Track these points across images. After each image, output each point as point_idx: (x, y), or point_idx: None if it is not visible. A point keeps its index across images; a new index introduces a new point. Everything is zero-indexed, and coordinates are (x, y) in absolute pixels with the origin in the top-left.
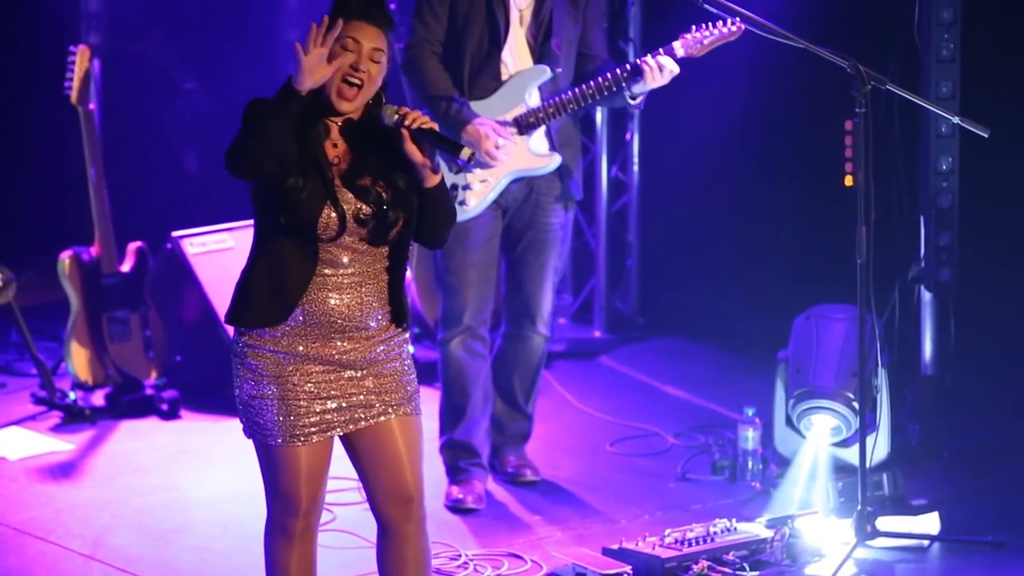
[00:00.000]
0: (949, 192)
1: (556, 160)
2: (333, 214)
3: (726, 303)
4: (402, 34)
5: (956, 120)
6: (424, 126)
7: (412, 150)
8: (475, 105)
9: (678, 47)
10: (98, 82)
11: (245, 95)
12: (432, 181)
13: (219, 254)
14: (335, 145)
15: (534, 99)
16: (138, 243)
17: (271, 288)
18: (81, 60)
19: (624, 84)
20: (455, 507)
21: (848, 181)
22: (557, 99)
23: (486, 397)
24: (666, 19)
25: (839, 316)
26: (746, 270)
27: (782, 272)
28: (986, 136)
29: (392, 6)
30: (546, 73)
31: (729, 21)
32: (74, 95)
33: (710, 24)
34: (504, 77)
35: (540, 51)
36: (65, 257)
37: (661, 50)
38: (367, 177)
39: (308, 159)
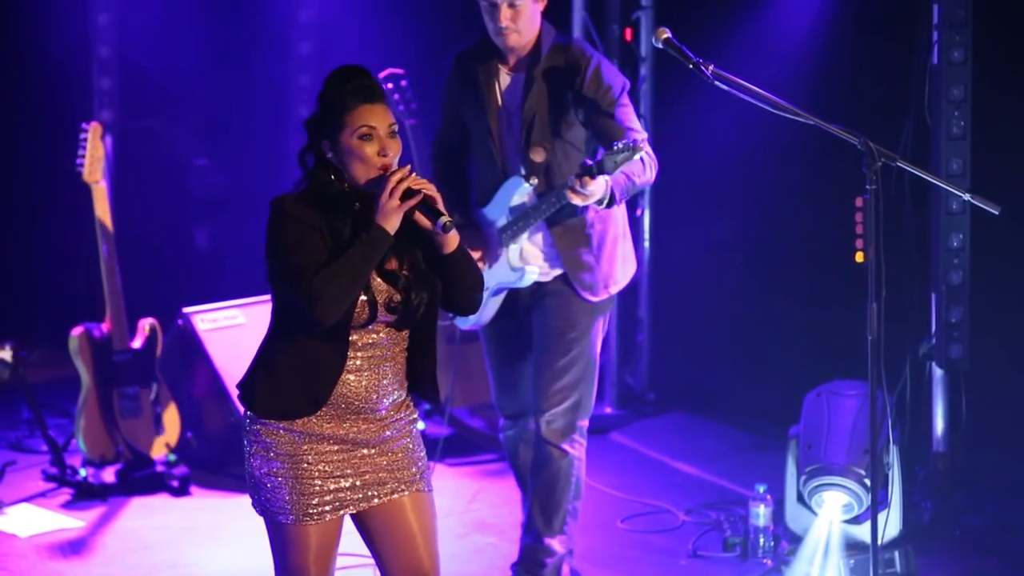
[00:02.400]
0: (960, 268)
1: (529, 276)
2: (365, 302)
3: (737, 379)
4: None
5: (967, 197)
6: (400, 193)
7: (418, 217)
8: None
9: (587, 178)
10: (110, 158)
11: (256, 172)
12: (450, 246)
13: (230, 330)
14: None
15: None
16: (149, 319)
17: (300, 381)
18: (93, 136)
19: (568, 201)
20: None
21: (859, 257)
22: (520, 212)
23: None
24: (676, 95)
25: (850, 392)
26: (757, 346)
27: (793, 348)
28: (997, 213)
29: (403, 82)
30: (522, 185)
31: (624, 143)
32: (86, 171)
33: (615, 144)
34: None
35: (526, 163)
36: (76, 334)
37: (580, 172)
38: (393, 259)
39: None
